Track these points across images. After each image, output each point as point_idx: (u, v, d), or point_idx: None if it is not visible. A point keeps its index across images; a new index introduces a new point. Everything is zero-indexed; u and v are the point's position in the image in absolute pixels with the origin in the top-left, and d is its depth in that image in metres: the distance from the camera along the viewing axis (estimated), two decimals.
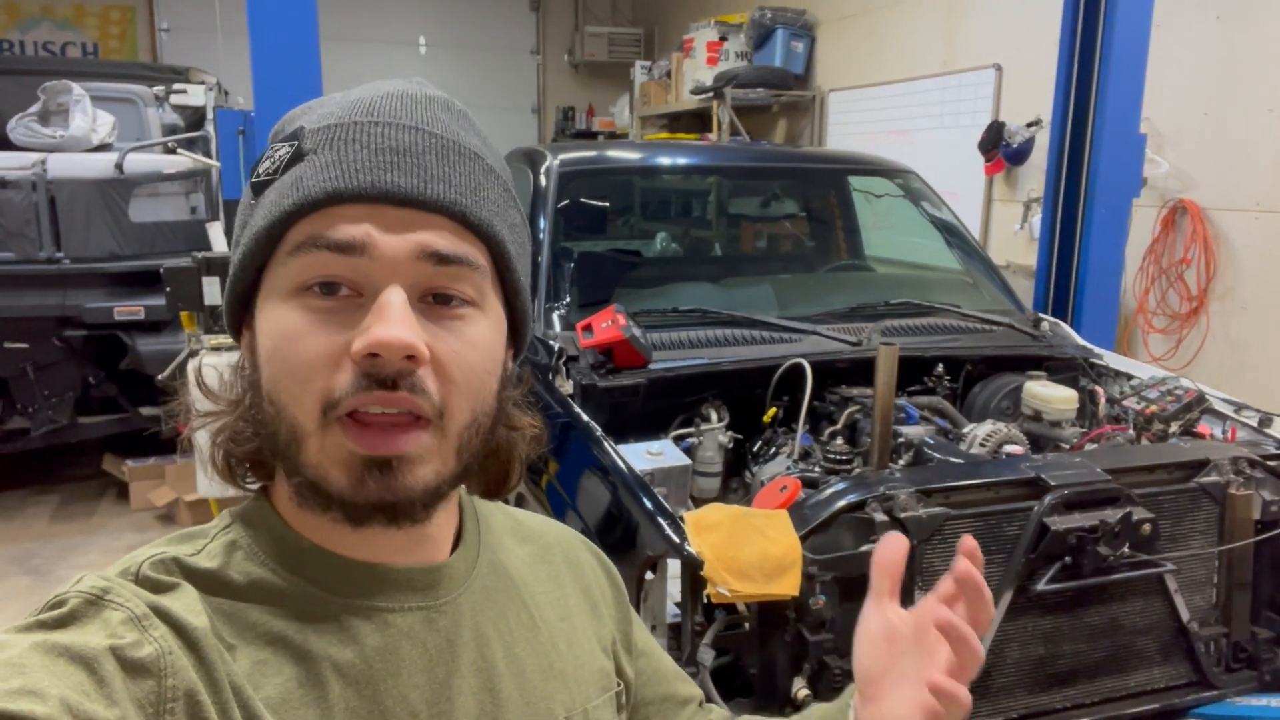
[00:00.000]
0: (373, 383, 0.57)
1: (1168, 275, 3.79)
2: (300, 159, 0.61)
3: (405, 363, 0.58)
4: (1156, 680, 1.75)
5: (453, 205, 0.61)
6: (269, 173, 0.62)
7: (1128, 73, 3.13)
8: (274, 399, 0.60)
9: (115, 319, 3.88)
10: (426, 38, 8.82)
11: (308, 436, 0.59)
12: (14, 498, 4.41)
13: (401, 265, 0.59)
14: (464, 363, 0.61)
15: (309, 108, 0.67)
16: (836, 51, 6.11)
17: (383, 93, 0.64)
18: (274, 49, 2.52)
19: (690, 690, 0.89)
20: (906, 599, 1.56)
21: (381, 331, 0.57)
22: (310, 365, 0.58)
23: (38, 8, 7.62)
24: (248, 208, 0.64)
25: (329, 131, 0.62)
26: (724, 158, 3.41)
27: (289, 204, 0.60)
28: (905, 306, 2.56)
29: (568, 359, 2.16)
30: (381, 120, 0.62)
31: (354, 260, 0.59)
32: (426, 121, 0.63)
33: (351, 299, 0.59)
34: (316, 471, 0.59)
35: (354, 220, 0.59)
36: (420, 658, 0.64)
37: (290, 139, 0.63)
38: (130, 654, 0.52)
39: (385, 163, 0.60)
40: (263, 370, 0.61)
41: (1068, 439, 2.06)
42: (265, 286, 0.63)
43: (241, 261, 0.63)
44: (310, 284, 0.59)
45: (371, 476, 0.59)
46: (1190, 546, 1.76)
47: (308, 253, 0.59)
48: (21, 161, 3.82)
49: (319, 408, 0.58)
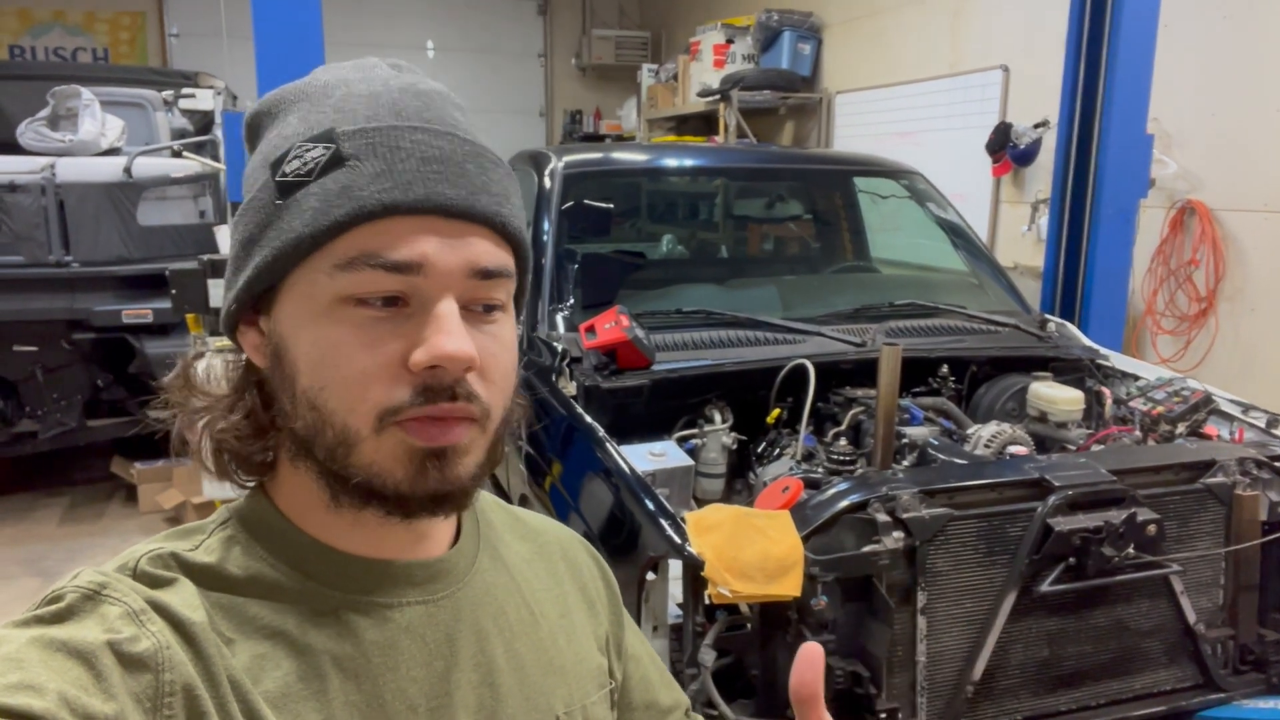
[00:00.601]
0: (434, 395, 0.59)
1: (1176, 276, 3.76)
2: (340, 164, 0.60)
3: (461, 372, 0.60)
4: (1162, 682, 1.73)
5: (496, 217, 0.63)
6: (300, 173, 0.60)
7: (1135, 73, 3.11)
8: (318, 405, 0.60)
9: (123, 322, 3.90)
10: (435, 42, 8.86)
11: (362, 440, 0.60)
12: (23, 500, 4.44)
13: (453, 279, 0.60)
14: (501, 365, 0.64)
15: (304, 93, 0.65)
16: (843, 53, 6.11)
17: (395, 88, 0.64)
18: (279, 54, 2.53)
19: (675, 698, 0.89)
20: (908, 599, 1.57)
21: (447, 344, 0.58)
22: (367, 376, 0.59)
23: (49, 14, 7.68)
24: (271, 206, 0.61)
25: (366, 136, 0.60)
26: (728, 159, 3.41)
27: (341, 215, 0.59)
28: (910, 307, 2.55)
29: (571, 360, 2.16)
30: (416, 124, 0.62)
31: (408, 278, 0.59)
32: (453, 124, 0.63)
33: (399, 309, 0.60)
34: (371, 470, 0.60)
35: (409, 237, 0.59)
36: (419, 652, 0.65)
37: (323, 140, 0.61)
38: (128, 648, 0.52)
39: (434, 174, 0.60)
40: (301, 377, 0.60)
41: (1074, 440, 2.05)
42: (296, 290, 0.61)
43: (270, 264, 0.61)
44: (363, 298, 0.59)
45: (432, 466, 0.60)
46: (1196, 548, 1.75)
47: (360, 270, 0.59)
48: (31, 165, 3.84)
49: (375, 415, 0.59)
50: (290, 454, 0.64)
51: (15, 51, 7.60)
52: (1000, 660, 1.61)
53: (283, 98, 0.66)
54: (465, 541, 0.72)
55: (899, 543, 1.53)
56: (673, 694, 0.89)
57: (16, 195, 3.77)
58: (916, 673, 1.57)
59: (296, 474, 0.64)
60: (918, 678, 1.57)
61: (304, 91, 0.65)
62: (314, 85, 0.65)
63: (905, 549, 1.54)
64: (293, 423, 0.62)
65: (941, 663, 1.59)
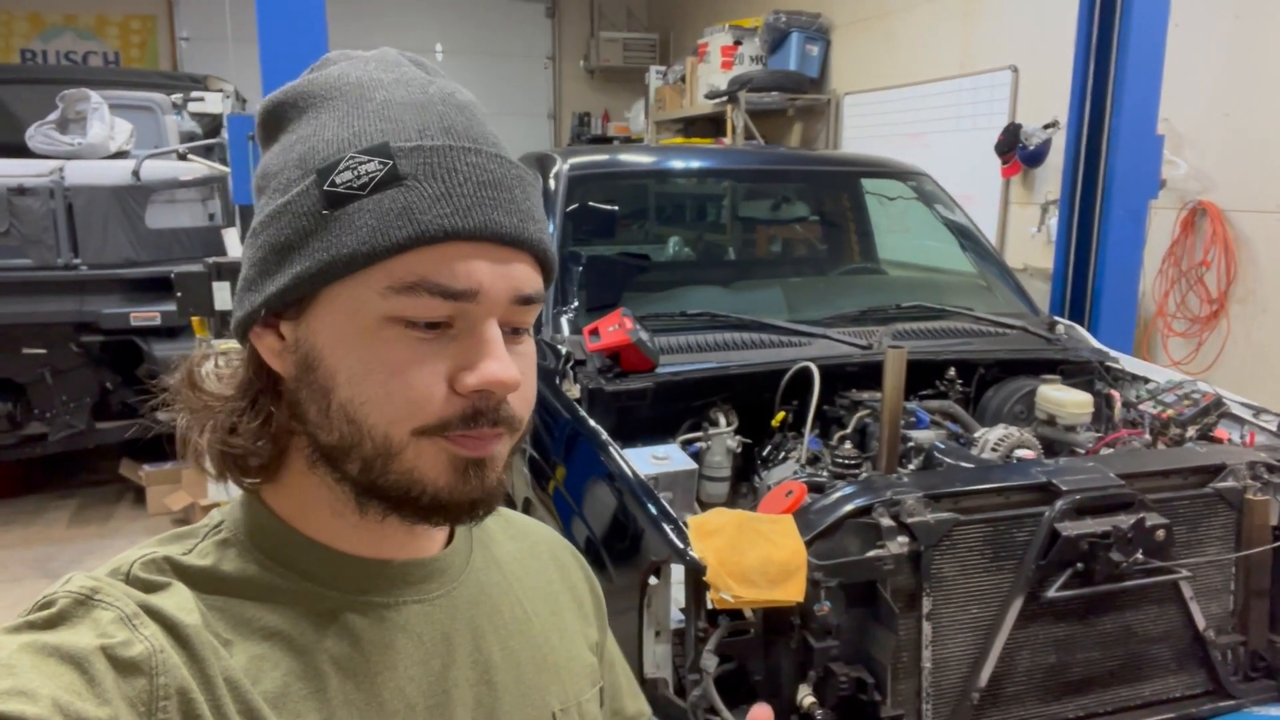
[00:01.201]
0: (479, 419, 0.61)
1: (1187, 278, 3.73)
2: (397, 182, 0.59)
3: (505, 396, 0.62)
4: (1172, 689, 1.71)
5: (539, 244, 0.64)
6: (353, 186, 0.59)
7: (1145, 73, 3.09)
8: (357, 419, 0.60)
9: (131, 324, 3.92)
10: (443, 45, 8.87)
11: (403, 449, 0.60)
12: (32, 502, 4.46)
13: (499, 305, 0.61)
14: (530, 384, 0.66)
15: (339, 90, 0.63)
16: (851, 55, 6.09)
17: (437, 98, 0.63)
18: (283, 57, 2.53)
19: (638, 707, 0.90)
20: (913, 605, 1.55)
21: (497, 370, 0.60)
22: (413, 393, 0.59)
23: (60, 17, 7.72)
24: (317, 216, 0.59)
25: (424, 155, 0.60)
26: (734, 161, 3.40)
27: (402, 237, 0.58)
28: (917, 309, 2.54)
29: (575, 363, 2.15)
30: (468, 145, 0.62)
31: (461, 304, 0.60)
32: (495, 143, 0.64)
33: (445, 331, 0.60)
34: (411, 476, 0.61)
35: (466, 263, 0.60)
36: (417, 651, 0.65)
37: (379, 154, 0.59)
38: (121, 653, 0.52)
39: (489, 199, 0.61)
40: (340, 390, 0.60)
41: (1082, 444, 2.03)
42: (338, 303, 0.60)
43: (312, 274, 0.59)
44: (415, 321, 0.60)
45: (473, 473, 0.62)
46: (1206, 553, 1.73)
47: (419, 295, 0.59)
48: (40, 169, 3.87)
49: (418, 428, 0.60)
50: (309, 460, 0.63)
51: (27, 55, 7.65)
52: (1006, 667, 1.60)
53: (310, 92, 0.64)
54: (459, 541, 0.73)
55: (904, 548, 1.52)
56: (637, 703, 0.90)
57: (25, 198, 3.79)
58: (922, 679, 1.55)
59: (306, 478, 0.64)
60: (923, 684, 1.55)
61: (335, 88, 0.63)
62: (346, 83, 0.63)
63: (910, 554, 1.53)
64: (323, 432, 0.61)
65: (947, 669, 1.57)
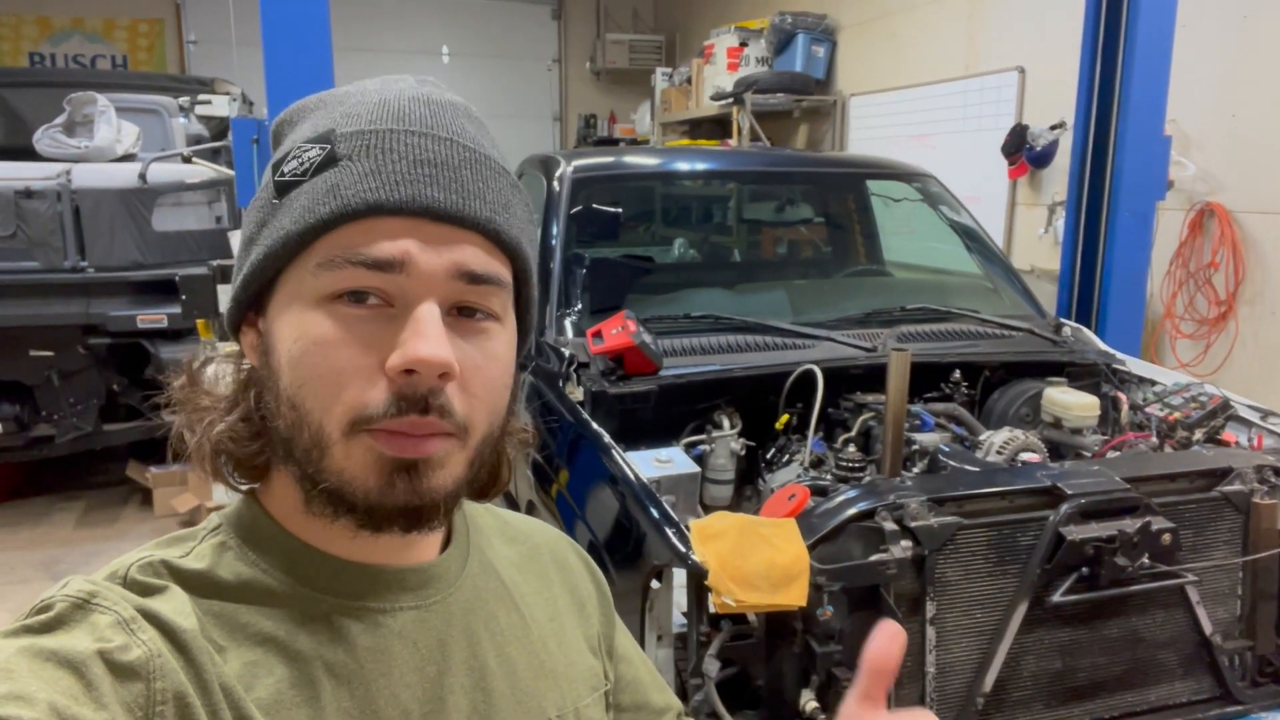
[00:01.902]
0: (408, 406, 0.58)
1: (1195, 279, 3.71)
2: (333, 164, 0.60)
3: (437, 380, 0.58)
4: (1178, 695, 1.70)
5: (488, 223, 0.62)
6: (296, 173, 0.61)
7: (1151, 74, 3.07)
8: (297, 404, 0.60)
9: (138, 327, 3.93)
10: (449, 47, 8.89)
11: (333, 444, 0.59)
12: (39, 504, 4.47)
13: (436, 282, 0.59)
14: (486, 377, 0.62)
15: (323, 101, 0.66)
16: (857, 56, 6.08)
17: (406, 96, 0.63)
18: (287, 59, 2.54)
19: (667, 700, 0.88)
20: (917, 610, 1.54)
21: (422, 348, 0.57)
22: (343, 375, 0.58)
23: (68, 21, 7.76)
24: (269, 206, 0.62)
25: (363, 138, 0.61)
26: (739, 163, 3.39)
27: (326, 212, 0.59)
28: (923, 312, 2.53)
29: (578, 366, 2.14)
30: (415, 129, 0.61)
31: (390, 276, 0.59)
32: (457, 132, 0.63)
33: (382, 309, 0.59)
34: (341, 477, 0.59)
35: (392, 236, 0.59)
36: (412, 657, 0.65)
37: (320, 141, 0.61)
38: (118, 657, 0.52)
39: (424, 176, 0.60)
40: (284, 375, 0.60)
41: (1088, 447, 2.01)
42: (285, 288, 0.62)
43: (263, 262, 0.62)
44: (341, 293, 0.59)
45: (400, 479, 0.59)
46: (1213, 557, 1.71)
47: (342, 268, 0.59)
48: (47, 172, 3.88)
49: (348, 419, 0.58)
50: (278, 456, 0.63)
51: (35, 59, 7.69)
52: (1011, 672, 1.59)
53: (304, 106, 0.67)
54: (456, 547, 0.72)
55: (907, 552, 1.51)
56: (665, 696, 0.88)
57: (33, 201, 3.80)
58: (926, 684, 1.55)
59: (284, 477, 0.64)
60: (927, 689, 1.55)
61: (323, 100, 0.66)
62: (334, 94, 0.66)
63: (914, 558, 1.52)
64: (279, 421, 0.61)
65: (951, 674, 1.57)
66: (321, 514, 0.61)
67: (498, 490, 0.75)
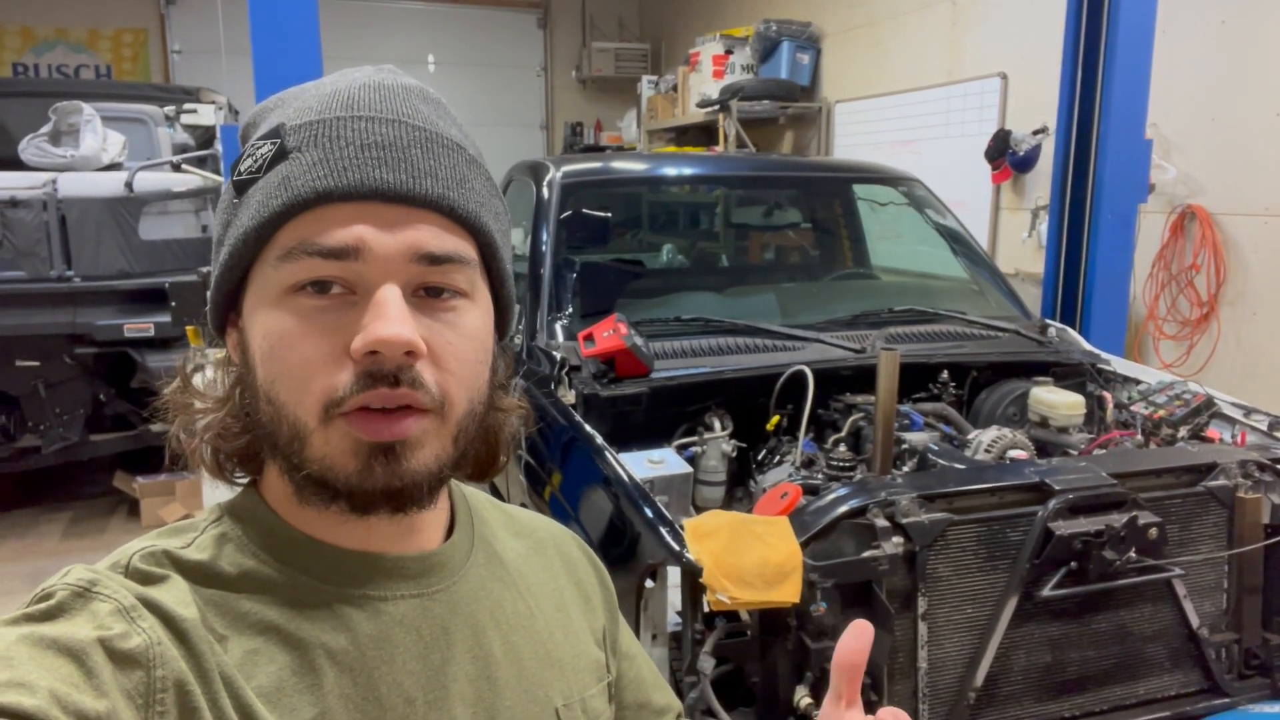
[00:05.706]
0: (375, 381, 0.58)
1: (1177, 281, 3.75)
2: (284, 157, 0.61)
3: (404, 358, 0.58)
4: (1166, 688, 1.72)
5: (441, 200, 0.61)
6: (251, 171, 0.62)
7: (1132, 79, 3.12)
8: (272, 399, 0.60)
9: (125, 336, 3.91)
10: (435, 56, 8.89)
11: (311, 433, 0.59)
12: (26, 515, 4.43)
13: (395, 264, 0.60)
14: (459, 353, 0.62)
15: (282, 99, 0.67)
16: (842, 63, 6.12)
17: (358, 84, 0.64)
18: (276, 69, 2.54)
19: (667, 700, 0.89)
20: (909, 605, 1.55)
21: (381, 329, 0.57)
22: (310, 366, 0.59)
23: (52, 31, 7.72)
24: (230, 206, 0.63)
25: (311, 128, 0.61)
26: (727, 168, 3.41)
27: (278, 205, 0.59)
28: (910, 313, 2.55)
29: (570, 369, 2.15)
30: (363, 114, 0.61)
31: (347, 263, 0.59)
32: (407, 114, 0.63)
33: (345, 296, 0.60)
34: (322, 464, 0.60)
35: (344, 222, 0.59)
36: (414, 644, 0.65)
37: (271, 136, 0.62)
38: (119, 645, 0.52)
39: (372, 159, 0.60)
40: (258, 371, 0.61)
41: (1075, 445, 2.04)
42: (253, 286, 0.62)
43: (228, 262, 0.62)
44: (302, 284, 0.59)
45: (378, 462, 0.59)
46: (1199, 551, 1.74)
47: (298, 259, 0.59)
48: (32, 181, 3.85)
49: (321, 406, 0.59)
50: (266, 450, 0.64)
51: (18, 69, 7.64)
52: (1002, 666, 1.60)
53: (265, 106, 0.68)
54: (459, 536, 0.72)
55: (899, 548, 1.53)
56: (666, 696, 0.89)
57: (18, 211, 3.78)
58: (918, 679, 1.56)
59: (275, 469, 0.65)
60: (919, 684, 1.56)
61: (282, 98, 0.67)
62: (293, 91, 0.67)
63: (905, 554, 1.53)
64: (261, 417, 0.62)
65: (943, 669, 1.58)
66: (312, 503, 0.62)
67: (496, 470, 0.75)
